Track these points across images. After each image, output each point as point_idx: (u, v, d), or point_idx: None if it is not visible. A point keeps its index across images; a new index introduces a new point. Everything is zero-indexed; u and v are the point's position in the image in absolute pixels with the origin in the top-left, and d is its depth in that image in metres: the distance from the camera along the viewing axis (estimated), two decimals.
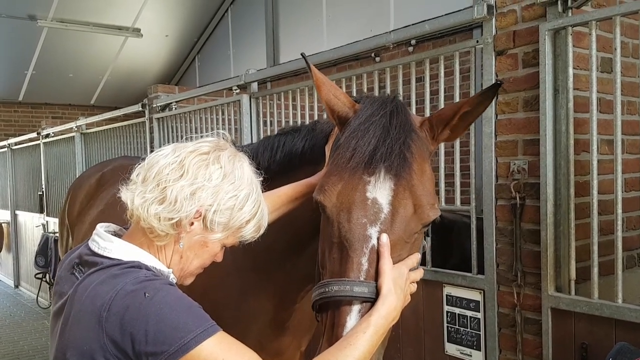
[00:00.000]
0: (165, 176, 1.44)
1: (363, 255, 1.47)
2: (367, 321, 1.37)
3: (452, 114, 1.62)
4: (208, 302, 2.33)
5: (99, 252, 1.46)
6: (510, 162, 2.56)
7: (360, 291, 1.42)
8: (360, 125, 1.60)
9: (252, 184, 1.55)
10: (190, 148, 1.49)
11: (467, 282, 2.82)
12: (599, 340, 2.28)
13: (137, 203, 1.44)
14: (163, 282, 1.40)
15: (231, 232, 1.53)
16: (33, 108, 11.56)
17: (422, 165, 1.60)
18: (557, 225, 2.45)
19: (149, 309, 1.29)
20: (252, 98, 4.24)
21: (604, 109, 2.53)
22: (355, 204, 1.52)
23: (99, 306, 1.31)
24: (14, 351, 6.67)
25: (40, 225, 8.79)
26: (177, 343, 1.27)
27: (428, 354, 3.04)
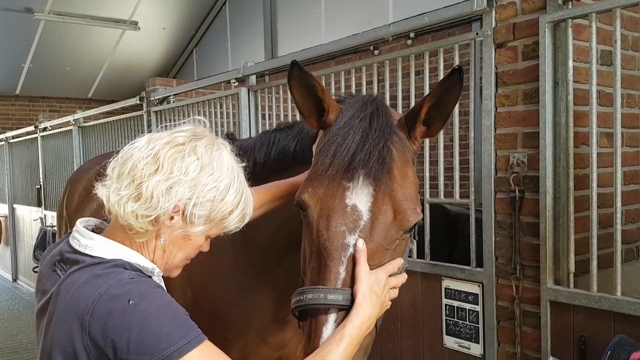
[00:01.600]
0: (140, 171, 1.38)
1: (341, 264, 1.45)
2: (341, 333, 1.36)
3: (419, 109, 1.60)
4: (207, 296, 2.34)
5: (80, 249, 1.42)
6: (509, 155, 2.56)
7: (334, 299, 1.41)
8: (339, 130, 1.58)
9: (233, 172, 1.49)
10: (164, 139, 1.43)
11: (465, 275, 2.82)
12: (597, 333, 2.29)
13: (112, 200, 1.39)
14: (148, 285, 1.36)
15: (214, 224, 1.48)
16: (30, 101, 11.51)
17: (404, 169, 1.57)
18: (557, 218, 2.45)
19: (133, 318, 1.25)
20: (250, 91, 4.23)
21: (604, 102, 2.52)
22: (334, 212, 1.50)
23: (82, 309, 1.28)
24: (13, 345, 6.68)
25: (38, 218, 8.78)
26: (159, 354, 1.24)
27: (426, 347, 3.04)
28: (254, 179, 2.13)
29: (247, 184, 1.56)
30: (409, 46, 5.96)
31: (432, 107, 1.59)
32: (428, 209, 3.03)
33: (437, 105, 1.59)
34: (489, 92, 2.62)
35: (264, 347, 2.35)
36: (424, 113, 1.60)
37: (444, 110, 1.60)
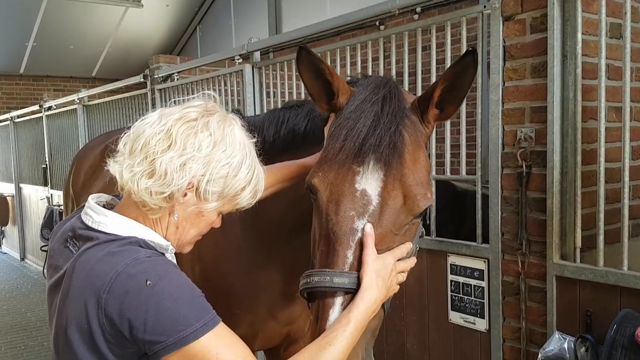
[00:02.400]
0: (153, 147, 1.36)
1: (349, 248, 1.45)
2: (347, 317, 1.36)
3: (432, 92, 1.58)
4: (217, 272, 2.36)
5: (94, 226, 1.42)
6: (517, 130, 2.54)
7: (340, 282, 1.41)
8: (351, 114, 1.57)
9: (245, 148, 1.47)
10: (176, 115, 1.41)
11: (471, 252, 2.82)
12: (603, 307, 2.29)
13: (126, 177, 1.38)
14: (165, 264, 1.37)
15: (227, 200, 1.47)
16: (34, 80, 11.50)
17: (415, 153, 1.56)
18: (564, 193, 2.43)
19: (150, 299, 1.26)
20: (254, 68, 4.20)
21: (613, 76, 2.49)
22: (344, 196, 1.50)
23: (98, 286, 1.29)
24: (22, 322, 6.77)
25: (44, 198, 8.83)
26: (175, 335, 1.25)
27: (432, 323, 3.06)
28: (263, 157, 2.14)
29: (258, 160, 1.55)
30: (416, 20, 5.89)
31: (445, 90, 1.57)
32: (434, 186, 3.02)
33: (450, 88, 1.57)
34: (496, 66, 2.59)
35: (273, 323, 2.37)
36: (437, 96, 1.58)
37: (458, 93, 1.58)
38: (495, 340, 2.73)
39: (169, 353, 1.26)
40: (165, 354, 1.27)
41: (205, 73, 5.06)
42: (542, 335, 2.52)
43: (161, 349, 1.26)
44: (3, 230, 11.42)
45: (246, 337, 2.42)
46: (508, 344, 2.69)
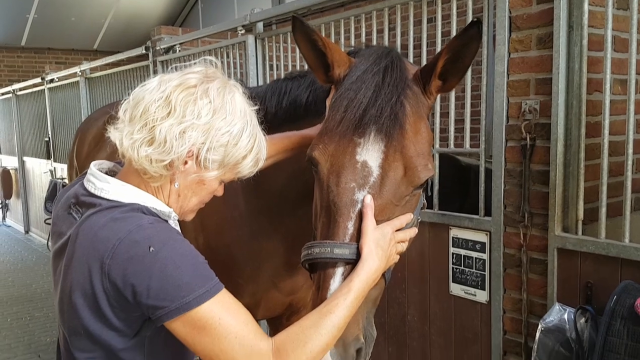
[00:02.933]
0: (152, 114, 1.35)
1: (349, 219, 1.46)
2: (348, 286, 1.38)
3: (435, 63, 1.57)
4: (222, 241, 2.38)
5: (96, 193, 1.42)
6: (521, 102, 2.52)
7: (340, 253, 1.43)
8: (352, 85, 1.56)
9: (246, 116, 1.45)
10: (175, 81, 1.39)
11: (473, 224, 2.83)
12: (604, 279, 2.31)
13: (126, 144, 1.37)
14: (169, 231, 1.36)
15: (228, 169, 1.46)
16: (36, 53, 11.43)
17: (417, 124, 1.55)
18: (567, 165, 2.43)
19: (154, 265, 1.27)
20: (257, 39, 4.16)
21: (619, 48, 2.47)
22: (344, 168, 1.50)
23: (102, 252, 1.29)
24: (27, 294, 6.85)
25: (47, 171, 8.85)
26: (178, 301, 1.26)
27: (433, 294, 3.09)
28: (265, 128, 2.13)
29: (260, 128, 1.53)
30: None
31: (448, 61, 1.56)
32: (438, 159, 3.02)
33: (453, 60, 1.56)
34: (502, 37, 2.56)
35: (276, 292, 2.40)
36: (439, 67, 1.57)
37: (461, 65, 1.57)
38: (496, 312, 2.75)
39: (171, 318, 1.28)
40: (168, 319, 1.28)
41: (207, 45, 5.03)
42: (542, 307, 2.55)
43: (164, 314, 1.27)
44: (7, 204, 11.48)
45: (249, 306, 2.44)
46: (508, 315, 2.72)
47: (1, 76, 11.28)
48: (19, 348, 5.23)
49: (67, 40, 11.27)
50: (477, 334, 2.87)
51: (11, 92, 10.27)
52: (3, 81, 11.19)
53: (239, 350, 1.28)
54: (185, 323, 1.28)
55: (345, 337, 1.41)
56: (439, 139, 3.04)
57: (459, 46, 1.53)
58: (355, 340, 1.44)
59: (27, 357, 5.02)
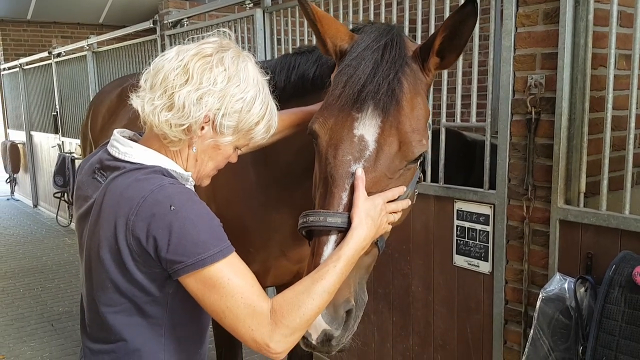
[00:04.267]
0: (172, 82, 1.43)
1: (344, 190, 1.54)
2: (338, 254, 1.46)
3: (432, 41, 1.61)
4: (233, 211, 2.46)
5: (120, 157, 1.50)
6: (527, 77, 2.56)
7: (333, 221, 1.51)
8: (352, 61, 1.61)
9: (259, 84, 1.53)
10: (192, 51, 1.47)
11: (478, 197, 2.89)
12: (604, 249, 2.37)
13: (147, 110, 1.46)
14: (188, 193, 1.44)
15: (242, 135, 1.54)
16: (42, 27, 11.39)
17: (413, 101, 1.61)
18: (571, 139, 2.48)
19: (174, 223, 1.35)
20: (265, 13, 4.18)
21: (624, 23, 2.49)
22: (342, 141, 1.57)
23: (126, 210, 1.38)
24: (38, 266, 6.98)
25: (55, 145, 8.92)
26: (194, 257, 1.35)
27: (437, 266, 3.16)
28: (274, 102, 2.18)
29: (272, 97, 1.60)
30: None
31: (445, 39, 1.61)
32: (444, 134, 3.07)
33: (450, 37, 1.60)
34: (509, 11, 2.59)
35: (284, 261, 2.48)
36: (437, 44, 1.62)
37: (458, 42, 1.61)
38: (498, 282, 2.83)
39: (187, 273, 1.37)
40: (184, 273, 1.37)
41: (214, 19, 5.04)
42: (543, 277, 2.62)
43: (181, 269, 1.37)
44: (15, 178, 11.59)
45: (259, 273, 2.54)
46: (510, 285, 2.80)
47: (8, 50, 11.27)
48: (32, 317, 5.36)
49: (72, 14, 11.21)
50: (480, 303, 2.95)
51: (18, 66, 10.29)
52: (10, 55, 11.19)
53: (244, 309, 1.37)
54: (198, 279, 1.37)
55: (336, 299, 1.50)
56: (445, 114, 3.08)
57: (455, 23, 1.57)
58: (345, 302, 1.53)
59: (40, 326, 5.16)
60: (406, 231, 3.26)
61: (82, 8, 10.84)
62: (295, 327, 1.38)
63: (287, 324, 1.37)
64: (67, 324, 5.17)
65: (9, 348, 4.72)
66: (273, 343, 1.37)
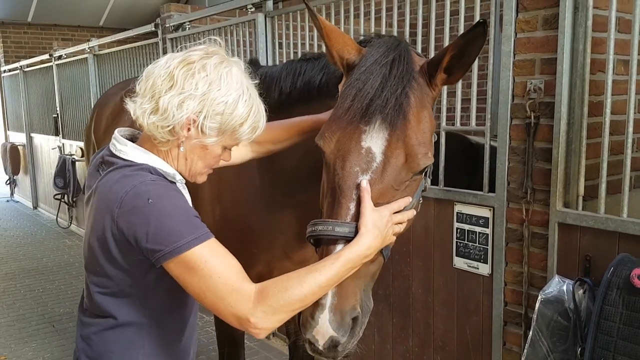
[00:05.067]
0: (158, 87, 1.55)
1: (351, 200, 1.58)
2: (338, 254, 1.51)
3: (441, 58, 1.66)
4: (237, 214, 2.49)
5: (116, 153, 1.63)
6: (527, 81, 2.60)
7: (341, 231, 1.55)
8: (360, 75, 1.65)
9: (242, 86, 1.61)
10: (179, 58, 1.58)
11: (478, 200, 2.93)
12: (602, 252, 2.40)
13: (138, 113, 1.58)
14: (167, 188, 1.56)
15: (227, 135, 1.63)
16: (42, 29, 11.42)
17: (420, 115, 1.64)
18: (569, 143, 2.51)
19: (151, 215, 1.47)
20: (267, 17, 4.21)
21: (623, 29, 2.53)
22: (350, 153, 1.61)
23: (112, 203, 1.51)
24: (38, 267, 7.00)
25: (56, 147, 8.93)
26: (171, 245, 1.45)
27: (436, 268, 3.19)
28: (280, 108, 2.22)
29: (260, 100, 1.69)
30: None
31: (453, 57, 1.65)
32: (444, 137, 3.11)
33: (459, 56, 1.64)
34: (509, 17, 2.63)
35: (287, 262, 2.51)
36: (445, 62, 1.66)
37: (466, 61, 1.66)
38: (497, 284, 2.86)
39: (166, 260, 1.47)
40: (164, 260, 1.48)
41: (216, 23, 5.07)
42: (542, 279, 2.65)
43: (160, 257, 1.47)
44: (15, 179, 11.60)
45: (263, 274, 2.58)
46: (509, 287, 2.83)
47: (8, 52, 11.30)
48: (33, 318, 5.38)
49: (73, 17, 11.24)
50: (479, 305, 2.99)
51: (19, 68, 10.31)
52: (10, 57, 11.21)
53: (222, 288, 1.46)
54: (177, 264, 1.48)
55: (343, 306, 1.54)
56: (445, 117, 3.12)
57: (464, 43, 1.61)
58: (352, 310, 1.56)
59: (41, 326, 5.17)
60: (406, 233, 3.24)
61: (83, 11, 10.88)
62: (277, 307, 1.45)
63: (271, 303, 1.44)
64: (68, 325, 5.19)
65: (10, 349, 4.73)
66: (254, 318, 1.44)
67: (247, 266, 2.53)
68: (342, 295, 1.54)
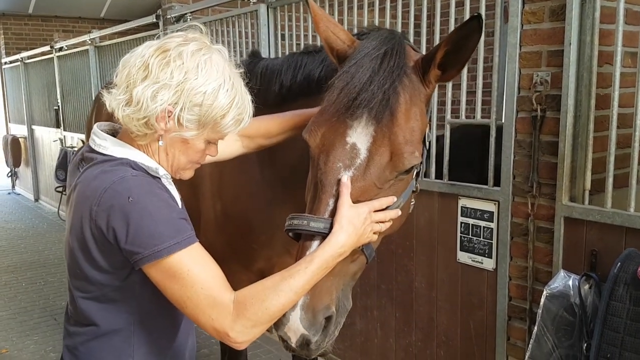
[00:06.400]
0: (133, 77, 1.45)
1: (331, 196, 1.55)
2: (312, 256, 1.47)
3: (435, 53, 1.61)
4: (238, 209, 2.47)
5: (96, 148, 1.54)
6: (533, 74, 2.56)
7: (315, 226, 1.52)
8: (350, 68, 1.61)
9: (224, 75, 1.49)
10: (155, 46, 1.47)
11: (482, 194, 2.90)
12: (609, 247, 2.38)
13: (113, 105, 1.49)
14: (150, 185, 1.46)
15: (209, 128, 1.51)
16: (43, 21, 11.36)
17: (409, 112, 1.60)
18: (576, 137, 2.48)
19: (131, 214, 1.37)
20: (269, 8, 4.17)
21: (630, 20, 2.49)
22: (333, 148, 1.57)
23: (91, 200, 1.42)
24: (40, 260, 7.00)
25: (57, 139, 8.92)
26: (151, 249, 1.37)
27: (440, 262, 3.17)
28: (281, 102, 2.19)
29: (245, 90, 1.57)
30: None
31: (448, 53, 1.60)
32: (448, 130, 3.07)
33: (453, 51, 1.60)
34: (515, 8, 2.59)
35: (289, 258, 2.48)
36: (439, 57, 1.62)
37: (461, 56, 1.61)
38: (502, 278, 2.84)
39: (145, 264, 1.39)
40: (143, 264, 1.40)
41: (218, 14, 5.03)
42: (547, 274, 2.63)
43: (139, 260, 1.39)
44: (16, 172, 11.60)
45: (264, 270, 2.56)
46: (514, 282, 2.81)
47: (9, 44, 11.25)
48: (34, 311, 5.38)
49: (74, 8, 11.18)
50: (483, 299, 2.96)
51: (19, 60, 10.28)
52: (11, 49, 11.16)
53: (204, 300, 1.40)
54: (158, 270, 1.40)
55: (315, 304, 1.51)
56: (450, 110, 3.08)
57: (459, 38, 1.57)
58: (325, 309, 1.53)
59: (43, 319, 5.17)
60: (410, 227, 3.26)
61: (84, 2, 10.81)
62: (257, 320, 1.41)
63: (249, 316, 1.39)
64: None
65: (12, 342, 4.73)
66: (233, 333, 1.40)
67: (248, 262, 2.54)
68: (316, 294, 1.51)
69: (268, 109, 2.19)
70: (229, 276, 1.49)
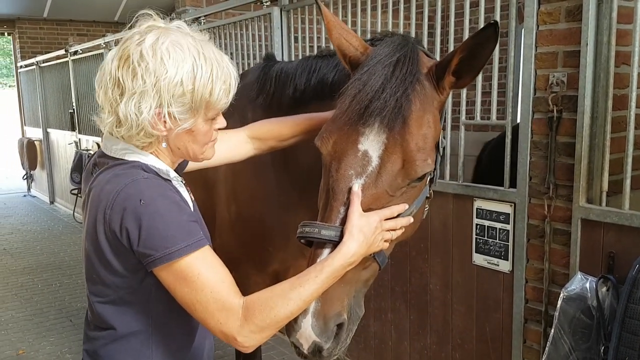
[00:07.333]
0: (110, 97, 1.46)
1: (342, 204, 1.54)
2: (321, 264, 1.47)
3: (450, 60, 1.60)
4: (253, 212, 2.48)
5: (107, 153, 1.56)
6: (549, 75, 2.54)
7: (326, 234, 1.52)
8: (362, 75, 1.61)
9: (191, 52, 1.44)
10: (117, 57, 1.45)
11: (498, 196, 2.88)
12: (626, 249, 2.35)
13: (108, 129, 1.51)
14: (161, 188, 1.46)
15: (203, 109, 1.50)
16: (58, 25, 11.49)
17: (422, 119, 1.59)
18: (593, 138, 2.46)
19: (143, 217, 1.39)
20: (283, 11, 4.18)
21: None
22: (346, 156, 1.57)
23: (104, 204, 1.43)
24: (56, 262, 7.06)
25: (72, 142, 8.99)
26: (162, 251, 1.38)
27: (455, 264, 3.16)
28: (294, 105, 2.19)
29: (219, 55, 1.52)
30: None
31: (463, 59, 1.59)
32: (463, 131, 3.06)
33: (468, 58, 1.59)
34: (531, 9, 2.57)
35: (303, 261, 2.48)
36: (454, 64, 1.61)
37: (476, 63, 1.60)
38: (518, 281, 2.82)
39: (157, 266, 1.41)
40: (155, 266, 1.41)
41: (231, 17, 5.05)
42: (564, 276, 2.60)
43: (151, 262, 1.40)
44: (32, 174, 11.72)
45: (279, 272, 2.56)
46: (530, 284, 2.79)
47: (24, 48, 11.39)
48: (50, 312, 5.43)
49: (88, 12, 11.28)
50: (499, 302, 2.94)
51: (35, 63, 10.39)
52: (26, 53, 11.30)
53: (213, 304, 1.40)
54: (169, 272, 1.41)
55: (327, 312, 1.51)
56: (465, 111, 3.07)
57: (474, 45, 1.55)
58: (336, 316, 1.53)
59: (59, 321, 5.22)
60: (425, 229, 3.25)
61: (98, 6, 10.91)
62: (264, 326, 1.41)
63: (257, 322, 1.40)
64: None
65: (29, 343, 4.78)
66: (241, 337, 1.41)
67: (263, 264, 2.55)
68: (327, 301, 1.51)
69: (282, 111, 2.20)
70: (244, 278, 1.50)
